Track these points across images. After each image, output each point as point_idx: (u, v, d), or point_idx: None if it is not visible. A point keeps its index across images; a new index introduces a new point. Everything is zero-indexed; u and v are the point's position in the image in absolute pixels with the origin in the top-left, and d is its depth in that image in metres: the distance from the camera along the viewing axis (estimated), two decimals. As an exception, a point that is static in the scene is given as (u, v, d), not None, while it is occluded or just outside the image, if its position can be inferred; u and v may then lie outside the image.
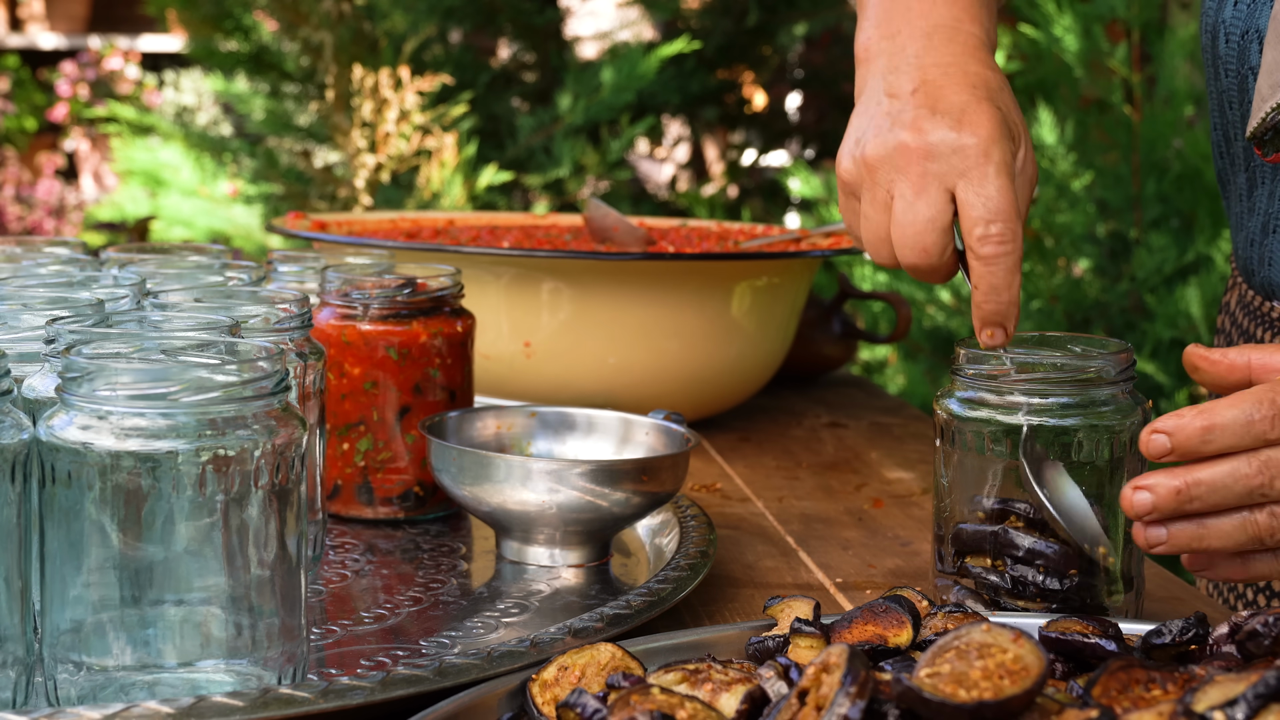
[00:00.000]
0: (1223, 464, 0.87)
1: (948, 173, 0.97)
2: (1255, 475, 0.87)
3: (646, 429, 1.21)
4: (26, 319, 0.95)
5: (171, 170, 4.79)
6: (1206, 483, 0.87)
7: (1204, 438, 0.87)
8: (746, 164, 4.52)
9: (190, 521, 0.79)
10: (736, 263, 1.59)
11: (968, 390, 0.98)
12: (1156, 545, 0.89)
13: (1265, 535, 0.88)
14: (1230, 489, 0.87)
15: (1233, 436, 0.87)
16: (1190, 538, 0.89)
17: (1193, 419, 0.87)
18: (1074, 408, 0.96)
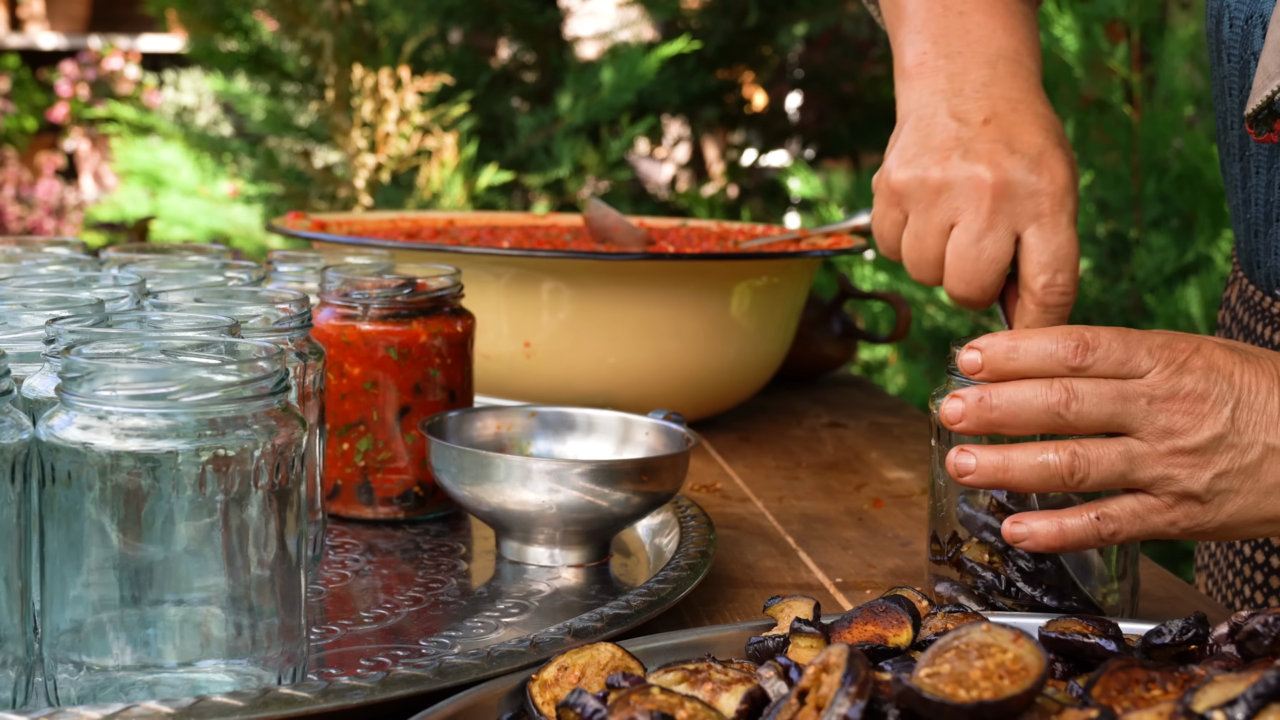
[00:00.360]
0: (1026, 383, 0.90)
1: (1020, 215, 0.98)
2: (1055, 394, 0.89)
3: (646, 429, 1.21)
4: (26, 319, 0.95)
5: (171, 170, 4.79)
6: (1008, 393, 0.90)
7: (1009, 355, 0.90)
8: (746, 164, 4.52)
9: (190, 521, 0.79)
10: (736, 263, 1.59)
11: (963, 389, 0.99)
12: (964, 474, 0.91)
13: (1065, 474, 0.90)
14: (1030, 404, 0.89)
15: (1035, 358, 0.90)
16: (994, 469, 0.91)
17: (1003, 337, 0.90)
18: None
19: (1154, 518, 0.91)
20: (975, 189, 0.99)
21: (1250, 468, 0.90)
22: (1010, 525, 0.93)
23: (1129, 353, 0.90)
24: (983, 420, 0.91)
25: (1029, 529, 0.92)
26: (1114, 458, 0.90)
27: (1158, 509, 0.91)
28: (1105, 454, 0.90)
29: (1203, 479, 0.90)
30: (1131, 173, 3.06)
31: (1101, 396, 0.89)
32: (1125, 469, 0.90)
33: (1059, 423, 0.90)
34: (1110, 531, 0.91)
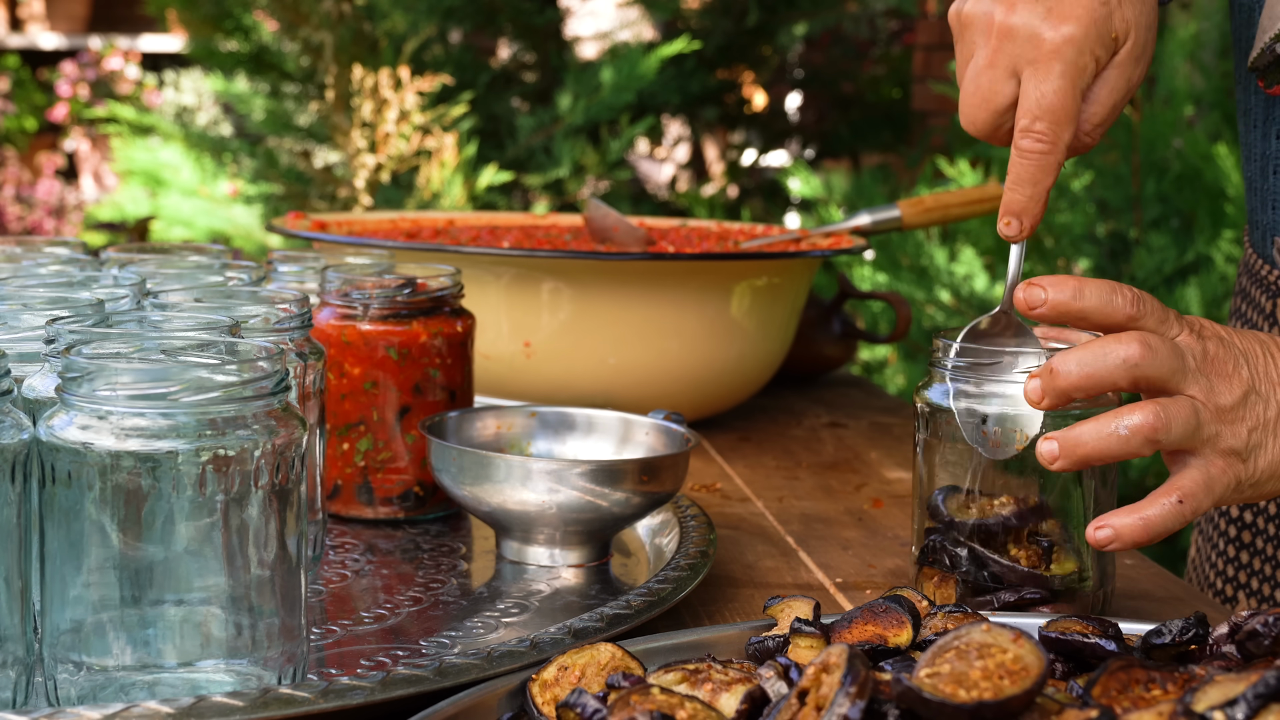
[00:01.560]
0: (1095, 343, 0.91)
1: (1018, 57, 0.98)
2: (1132, 346, 0.90)
3: (646, 429, 1.21)
4: (26, 319, 0.95)
5: (171, 170, 4.79)
6: (1077, 356, 0.90)
7: (1076, 293, 0.91)
8: (746, 164, 4.52)
9: (190, 521, 0.79)
10: (736, 263, 1.59)
11: (947, 382, 1.00)
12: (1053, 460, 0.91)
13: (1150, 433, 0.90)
14: (1104, 359, 0.90)
15: (1099, 299, 0.91)
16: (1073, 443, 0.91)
17: (1067, 278, 0.91)
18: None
19: (1218, 483, 0.93)
20: (986, 25, 0.99)
21: (1271, 422, 0.93)
22: (1094, 531, 0.92)
23: (1165, 313, 0.93)
24: (1059, 390, 0.91)
25: (1113, 529, 0.92)
26: (1188, 413, 0.91)
27: (1219, 472, 0.93)
28: (1180, 410, 0.91)
29: (1241, 435, 0.93)
30: (1131, 173, 3.06)
31: (1169, 350, 0.91)
32: (1196, 425, 0.91)
33: (1133, 375, 0.90)
34: (1191, 510, 0.92)
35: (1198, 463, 0.93)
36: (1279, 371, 0.95)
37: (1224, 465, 0.93)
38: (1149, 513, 0.91)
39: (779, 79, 4.67)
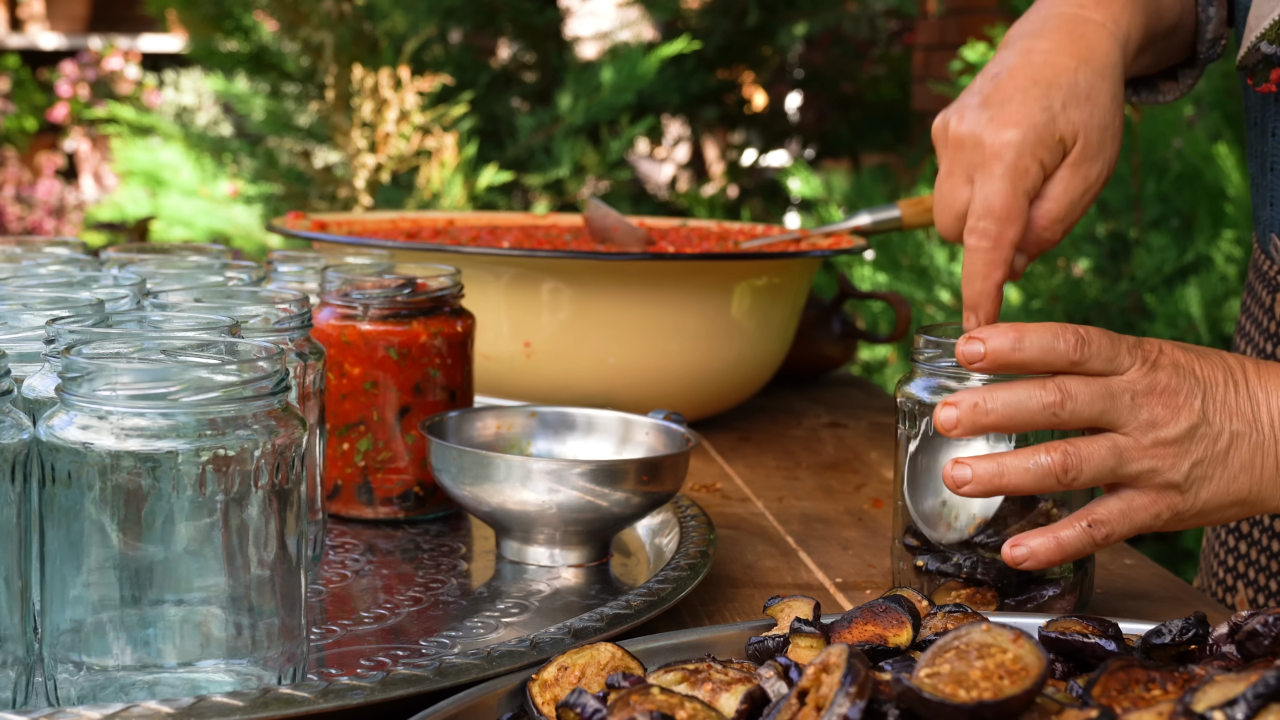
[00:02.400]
0: (1019, 384, 0.92)
1: (969, 164, 1.06)
2: (1050, 394, 0.92)
3: (646, 429, 1.21)
4: (26, 319, 0.95)
5: (171, 170, 4.79)
6: (1002, 397, 0.92)
7: (1014, 346, 0.92)
8: (746, 164, 4.52)
9: (190, 521, 0.79)
10: (736, 263, 1.59)
11: (930, 377, 1.01)
12: (962, 484, 0.93)
13: (1059, 473, 0.92)
14: (1025, 404, 0.92)
15: (1039, 350, 0.92)
16: (990, 475, 0.93)
17: (1006, 329, 0.92)
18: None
19: (1140, 514, 0.95)
20: (942, 138, 1.08)
21: (1220, 455, 0.94)
22: (1010, 549, 0.95)
23: (1115, 349, 0.93)
24: (978, 425, 0.93)
25: (1029, 549, 0.95)
26: (1104, 453, 0.93)
27: (1143, 504, 0.95)
28: (1095, 450, 0.93)
29: (1182, 468, 0.94)
30: (1131, 173, 3.07)
31: (1092, 394, 0.92)
32: (1114, 464, 0.93)
33: (1054, 421, 0.92)
34: (1104, 535, 0.95)
35: (1124, 492, 0.95)
36: (1240, 400, 0.95)
37: (1152, 498, 0.94)
38: (1063, 535, 0.94)
39: (779, 79, 4.67)
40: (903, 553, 1.04)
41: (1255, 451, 0.95)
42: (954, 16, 4.23)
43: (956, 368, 1.00)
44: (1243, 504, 0.96)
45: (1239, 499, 0.96)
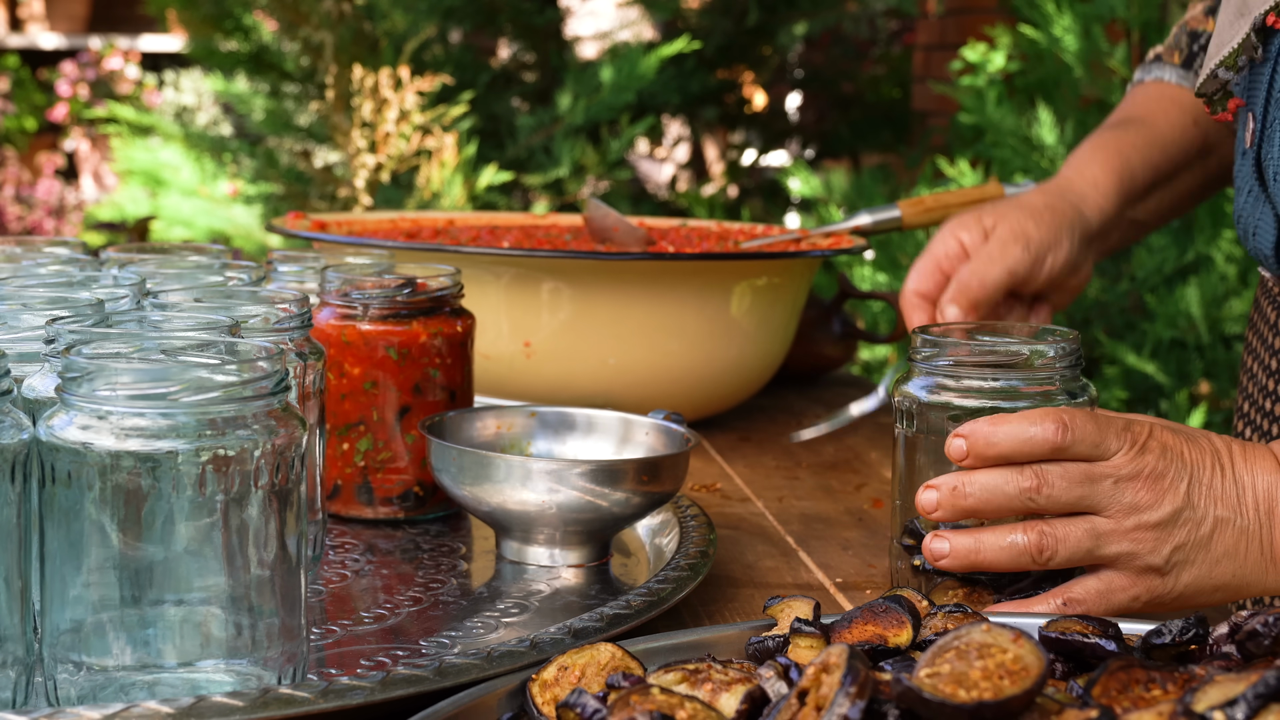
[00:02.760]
0: (998, 470, 0.93)
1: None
2: (1026, 480, 0.93)
3: (646, 429, 1.21)
4: (26, 319, 0.95)
5: (171, 170, 4.79)
6: (980, 481, 0.93)
7: (989, 440, 0.93)
8: (746, 164, 4.52)
9: (190, 521, 0.79)
10: (736, 263, 1.59)
11: (927, 376, 1.02)
12: (940, 558, 0.95)
13: (1034, 553, 0.94)
14: (1001, 489, 0.93)
15: (1016, 441, 0.93)
16: (967, 550, 0.95)
17: (984, 422, 0.94)
18: (1017, 393, 1.00)
19: (1118, 595, 0.95)
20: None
21: (1204, 540, 0.94)
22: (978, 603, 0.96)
23: (1101, 435, 0.93)
24: (957, 508, 0.94)
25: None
26: (1080, 535, 0.94)
27: (1121, 586, 0.95)
28: (1072, 532, 0.94)
29: (1163, 552, 0.94)
30: (1131, 173, 3.06)
31: (1070, 480, 0.93)
32: (1091, 545, 0.94)
33: (1030, 506, 0.93)
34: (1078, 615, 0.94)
35: (1103, 573, 0.95)
36: (1227, 485, 0.95)
37: (1131, 580, 0.95)
38: (1037, 610, 0.95)
39: (779, 79, 4.67)
40: (901, 552, 1.04)
41: (1240, 537, 0.95)
42: (954, 16, 4.23)
43: (954, 366, 1.00)
44: (1226, 589, 0.96)
45: (1222, 584, 0.96)
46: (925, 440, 1.02)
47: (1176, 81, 1.43)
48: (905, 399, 1.02)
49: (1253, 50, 1.15)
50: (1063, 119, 3.26)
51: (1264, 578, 0.96)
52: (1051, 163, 3.18)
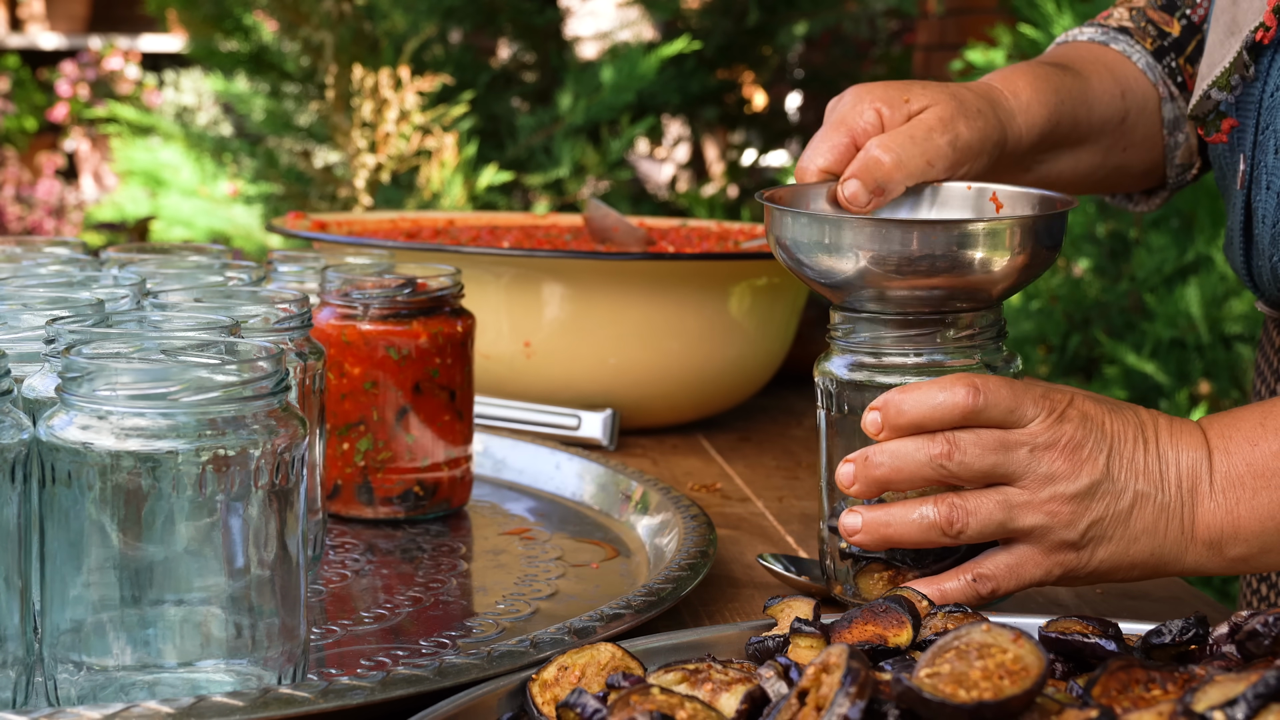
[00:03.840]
0: (909, 438, 0.92)
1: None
2: (936, 445, 0.90)
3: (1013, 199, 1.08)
4: (26, 319, 0.95)
5: (171, 170, 4.79)
6: (890, 449, 0.92)
7: (899, 408, 0.91)
8: (746, 164, 4.52)
9: (190, 521, 0.79)
10: (736, 263, 1.59)
11: (846, 354, 1.01)
12: (853, 533, 0.93)
13: (944, 525, 0.91)
14: (912, 456, 0.91)
15: (926, 407, 0.91)
16: (878, 524, 0.93)
17: (894, 393, 0.92)
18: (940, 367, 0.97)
19: (1029, 570, 0.93)
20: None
21: (1122, 514, 0.92)
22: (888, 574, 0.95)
23: (1016, 400, 0.91)
24: (870, 479, 0.92)
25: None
26: (991, 507, 0.91)
27: (1032, 559, 0.93)
28: (983, 504, 0.91)
29: (1079, 526, 0.91)
30: (1131, 173, 3.06)
31: (984, 446, 0.91)
32: (1004, 518, 0.91)
33: (942, 474, 0.91)
34: (989, 590, 0.93)
35: (1015, 547, 0.93)
36: (1149, 458, 0.93)
37: (1044, 555, 0.93)
38: (947, 586, 0.93)
39: (779, 79, 4.67)
40: (829, 536, 1.02)
41: (1159, 514, 0.92)
42: (954, 16, 4.23)
43: (873, 340, 0.98)
44: (1143, 566, 0.94)
45: (1139, 562, 0.93)
46: (845, 420, 0.99)
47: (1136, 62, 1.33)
48: (826, 378, 1.01)
49: (1244, 69, 1.13)
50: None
51: (1182, 556, 0.93)
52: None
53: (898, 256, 0.96)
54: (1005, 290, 0.99)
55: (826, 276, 1.00)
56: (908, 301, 0.98)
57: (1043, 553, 0.93)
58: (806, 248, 1.00)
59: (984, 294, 0.98)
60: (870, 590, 0.99)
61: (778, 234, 1.02)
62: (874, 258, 0.96)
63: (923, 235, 0.95)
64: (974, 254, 0.96)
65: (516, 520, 1.26)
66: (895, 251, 0.96)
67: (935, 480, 0.91)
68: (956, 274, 0.96)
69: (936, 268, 0.96)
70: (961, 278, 0.96)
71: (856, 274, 0.98)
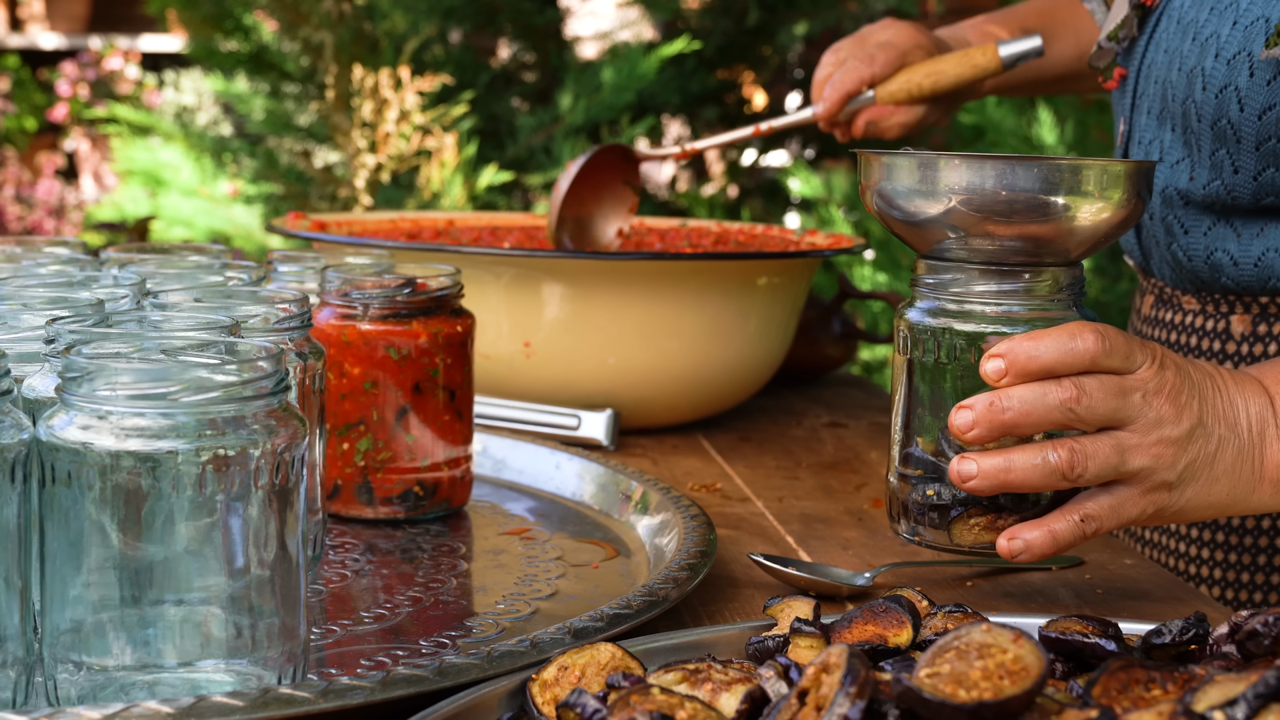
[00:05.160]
0: (1036, 383, 0.94)
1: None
2: (1065, 391, 0.93)
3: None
4: (26, 319, 0.95)
5: (171, 170, 4.79)
6: (1019, 395, 0.93)
7: (1032, 355, 0.93)
8: (746, 164, 4.52)
9: (190, 521, 0.79)
10: (736, 263, 1.59)
11: (928, 300, 1.01)
12: (968, 479, 0.95)
13: (1066, 469, 0.94)
14: (1042, 400, 0.93)
15: (1059, 353, 0.93)
16: (997, 470, 0.94)
17: (1021, 340, 0.94)
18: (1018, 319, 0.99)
19: (1128, 509, 0.97)
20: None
21: (1209, 457, 0.97)
22: (1006, 542, 0.97)
23: (1130, 348, 0.95)
24: (995, 424, 0.94)
25: (1024, 541, 0.97)
26: (1108, 451, 0.95)
27: (1132, 499, 0.97)
28: (1100, 448, 0.95)
29: (1178, 468, 0.96)
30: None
31: (1107, 392, 0.94)
32: (1118, 461, 0.95)
33: (1070, 418, 0.93)
34: (1094, 529, 0.97)
35: (1116, 488, 0.97)
36: (1224, 405, 0.98)
37: (1140, 494, 0.96)
38: (1056, 527, 0.96)
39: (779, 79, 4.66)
40: (899, 486, 1.04)
41: (1238, 456, 0.98)
42: (954, 17, 4.22)
43: (959, 289, 1.00)
44: (1217, 506, 0.99)
45: (1216, 501, 0.98)
46: (922, 365, 1.01)
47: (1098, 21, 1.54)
48: (905, 325, 1.02)
49: (1132, 26, 1.29)
50: (1063, 119, 3.26)
51: (1250, 495, 0.99)
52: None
53: (988, 194, 0.97)
54: (1089, 241, 1.00)
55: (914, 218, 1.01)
56: (994, 251, 1.00)
57: (1141, 493, 0.97)
58: (903, 193, 1.01)
59: (1068, 243, 0.99)
60: (963, 537, 1.01)
61: (875, 181, 1.03)
62: (964, 198, 0.98)
63: (1014, 170, 0.97)
64: (1060, 197, 0.97)
65: (516, 520, 1.26)
66: (987, 189, 0.97)
67: (1060, 424, 0.94)
68: (1044, 219, 0.98)
69: (1027, 209, 0.97)
70: (1049, 224, 0.98)
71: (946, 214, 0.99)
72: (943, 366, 1.00)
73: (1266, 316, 1.27)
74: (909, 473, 1.03)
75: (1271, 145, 1.18)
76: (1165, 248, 1.31)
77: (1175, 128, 1.26)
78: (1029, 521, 0.97)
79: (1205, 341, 1.31)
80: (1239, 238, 1.24)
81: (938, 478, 1.02)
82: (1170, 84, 1.25)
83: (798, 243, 1.77)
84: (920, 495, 1.02)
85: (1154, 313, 1.38)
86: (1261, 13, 1.17)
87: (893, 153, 1.03)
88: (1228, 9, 1.20)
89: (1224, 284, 1.27)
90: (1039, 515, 0.98)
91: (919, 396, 1.02)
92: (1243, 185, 1.21)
